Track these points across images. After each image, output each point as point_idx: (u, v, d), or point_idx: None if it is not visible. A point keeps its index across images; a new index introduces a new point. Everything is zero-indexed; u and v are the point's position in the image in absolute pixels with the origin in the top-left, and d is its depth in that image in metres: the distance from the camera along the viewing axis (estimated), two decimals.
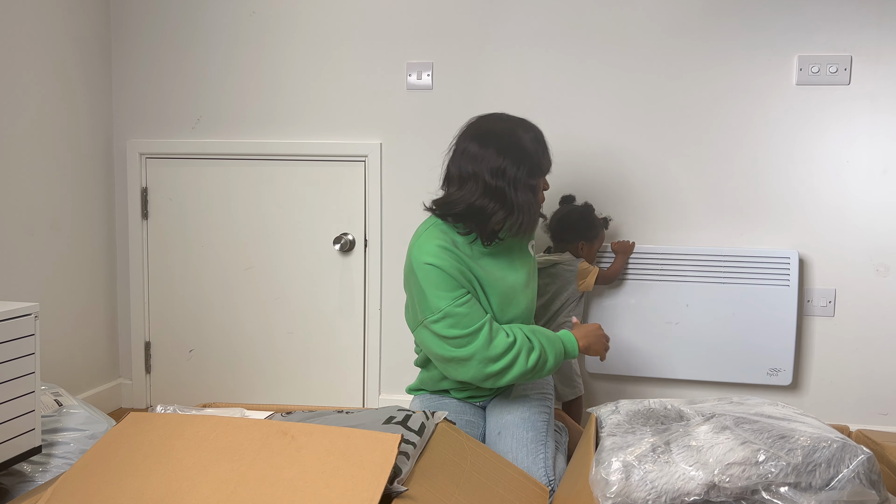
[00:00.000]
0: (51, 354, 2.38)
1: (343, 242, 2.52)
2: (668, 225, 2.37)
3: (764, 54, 2.27)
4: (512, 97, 2.41)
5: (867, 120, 2.24)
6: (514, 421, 1.75)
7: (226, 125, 2.60)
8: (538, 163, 1.69)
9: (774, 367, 2.26)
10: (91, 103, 2.56)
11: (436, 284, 1.64)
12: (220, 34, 2.57)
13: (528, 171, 1.66)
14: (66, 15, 2.42)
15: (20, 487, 1.66)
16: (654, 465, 1.00)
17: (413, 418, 1.35)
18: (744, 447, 0.98)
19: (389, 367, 2.58)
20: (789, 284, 2.23)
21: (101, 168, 2.62)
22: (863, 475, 0.94)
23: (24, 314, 1.62)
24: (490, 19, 2.41)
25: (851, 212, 2.27)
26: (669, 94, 2.33)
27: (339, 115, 2.53)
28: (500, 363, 1.64)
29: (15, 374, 1.59)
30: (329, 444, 1.14)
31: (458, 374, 1.70)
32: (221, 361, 2.66)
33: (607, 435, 1.13)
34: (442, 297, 1.64)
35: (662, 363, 2.33)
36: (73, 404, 1.89)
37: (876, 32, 2.21)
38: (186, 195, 2.63)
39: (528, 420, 1.75)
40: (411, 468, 1.17)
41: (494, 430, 1.76)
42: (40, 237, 2.35)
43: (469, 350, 1.64)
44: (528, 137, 1.68)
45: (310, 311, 2.59)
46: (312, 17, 2.51)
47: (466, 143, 1.70)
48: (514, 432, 1.72)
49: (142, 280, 2.67)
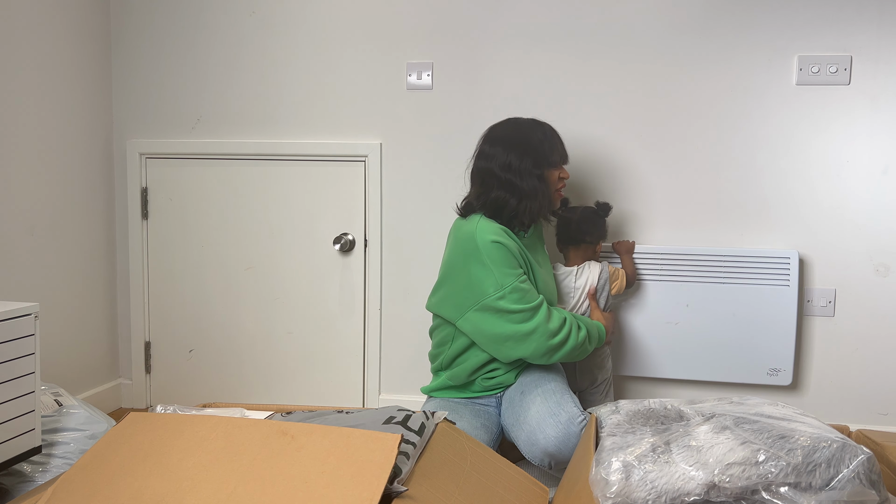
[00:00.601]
0: (51, 354, 2.38)
1: (343, 242, 2.52)
2: (668, 225, 2.37)
3: (764, 54, 2.27)
4: (512, 97, 2.41)
5: (867, 120, 2.24)
6: (533, 380, 1.86)
7: (226, 125, 2.60)
8: (543, 154, 1.89)
9: (774, 367, 2.26)
10: (91, 103, 2.56)
11: (503, 261, 1.81)
12: (221, 34, 2.57)
13: (532, 161, 1.88)
14: (66, 15, 2.42)
15: (20, 487, 1.66)
16: (654, 465, 1.00)
17: (413, 418, 1.35)
18: (744, 447, 0.98)
19: (389, 367, 2.58)
20: (789, 284, 2.23)
21: (101, 168, 2.62)
22: (863, 475, 0.94)
23: (24, 314, 1.62)
24: (490, 20, 2.41)
25: (851, 212, 2.27)
26: (669, 93, 2.33)
27: (339, 115, 2.53)
28: (559, 336, 1.82)
29: (15, 374, 1.59)
30: (329, 444, 1.14)
31: (516, 352, 1.84)
32: (221, 361, 2.66)
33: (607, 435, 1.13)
34: (508, 273, 1.81)
35: (662, 363, 2.33)
36: (73, 404, 1.89)
37: (876, 32, 2.21)
38: (186, 195, 2.63)
39: (546, 377, 1.88)
40: (411, 468, 1.17)
41: (517, 392, 1.87)
42: (40, 237, 2.35)
43: (533, 324, 1.80)
44: (533, 133, 1.91)
45: (310, 311, 2.59)
46: (312, 17, 2.51)
47: (482, 146, 1.97)
48: (538, 383, 1.84)
49: (142, 280, 2.67)
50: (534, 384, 1.85)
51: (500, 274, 1.80)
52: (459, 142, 2.45)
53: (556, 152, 1.91)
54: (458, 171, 2.45)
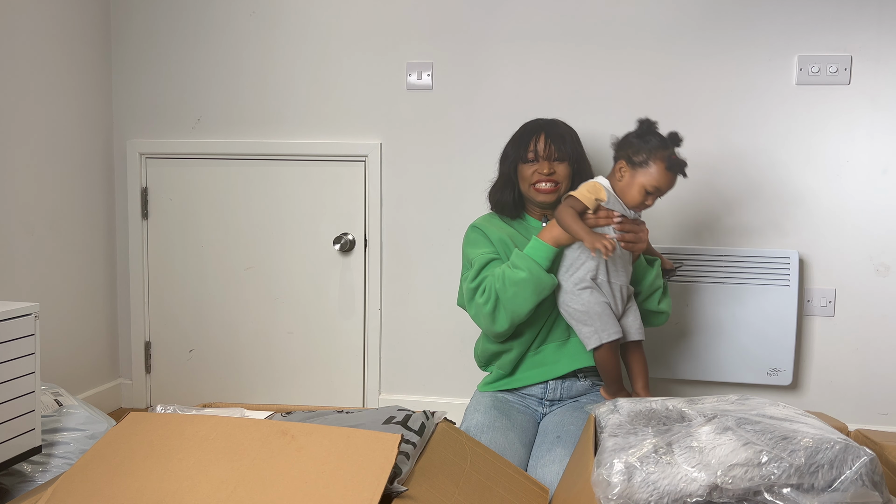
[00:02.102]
0: (51, 354, 2.38)
1: (343, 242, 2.52)
2: (668, 225, 2.37)
3: (764, 54, 2.27)
4: (512, 97, 2.41)
5: (867, 120, 2.24)
6: (576, 433, 1.71)
7: (226, 125, 2.60)
8: (517, 148, 1.91)
9: (774, 367, 2.26)
10: (91, 103, 2.56)
11: (472, 243, 1.91)
12: (220, 34, 2.57)
13: (513, 153, 1.92)
14: (67, 15, 2.42)
15: (20, 487, 1.66)
16: (656, 467, 1.00)
17: (413, 418, 1.35)
18: (746, 448, 0.98)
19: (389, 367, 2.58)
20: (789, 284, 2.23)
21: (101, 168, 2.62)
22: (865, 476, 0.94)
23: (23, 314, 1.62)
24: (490, 19, 2.40)
25: (851, 212, 2.27)
26: (669, 93, 2.33)
27: (339, 115, 2.53)
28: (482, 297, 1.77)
29: (15, 374, 1.59)
30: (329, 444, 1.14)
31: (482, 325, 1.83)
32: (221, 361, 2.66)
33: (609, 436, 1.13)
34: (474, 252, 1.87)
35: (662, 363, 2.33)
36: (73, 404, 1.89)
37: (876, 32, 2.21)
38: (186, 195, 2.63)
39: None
40: (411, 468, 1.17)
41: (553, 433, 1.73)
42: (40, 237, 2.35)
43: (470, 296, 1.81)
44: (523, 128, 1.94)
45: (310, 311, 2.59)
46: (312, 17, 2.51)
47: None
48: (575, 440, 1.67)
49: (142, 280, 2.67)
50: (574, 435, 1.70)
51: (470, 254, 1.88)
52: (459, 141, 2.45)
53: (529, 150, 1.88)
54: (459, 171, 2.45)
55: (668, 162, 1.64)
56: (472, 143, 2.45)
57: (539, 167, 1.86)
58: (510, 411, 1.85)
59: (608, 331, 1.68)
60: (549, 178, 1.86)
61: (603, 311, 1.69)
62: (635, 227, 1.72)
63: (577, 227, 1.66)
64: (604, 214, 1.70)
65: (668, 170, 1.65)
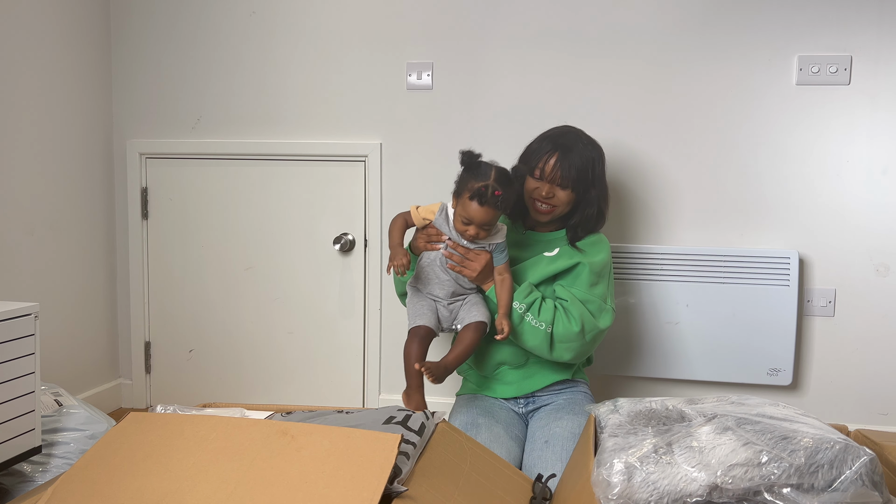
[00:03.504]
0: (51, 354, 2.38)
1: (343, 242, 2.52)
2: (668, 225, 2.37)
3: (764, 54, 2.27)
4: (512, 97, 2.41)
5: (867, 120, 2.24)
6: (562, 434, 1.78)
7: (226, 125, 2.60)
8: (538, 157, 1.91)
9: (774, 367, 2.26)
10: (91, 103, 2.56)
11: None
12: (220, 34, 2.57)
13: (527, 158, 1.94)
14: (66, 15, 2.42)
15: (20, 487, 1.66)
16: (655, 467, 1.00)
17: (413, 418, 1.35)
18: (746, 448, 0.98)
19: (389, 367, 2.58)
20: (789, 284, 2.23)
21: (101, 168, 2.62)
22: (865, 476, 0.94)
23: (23, 314, 1.62)
24: (490, 20, 2.40)
25: (851, 212, 2.27)
26: (669, 93, 2.33)
27: (339, 115, 2.53)
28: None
29: (15, 374, 1.59)
30: (329, 444, 1.14)
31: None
32: (221, 361, 2.66)
33: (609, 436, 1.13)
34: None
35: (662, 363, 2.33)
36: (73, 404, 1.89)
37: (876, 32, 2.21)
38: (186, 195, 2.63)
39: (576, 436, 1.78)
40: (411, 468, 1.17)
41: (541, 439, 1.80)
42: (40, 237, 2.35)
43: None
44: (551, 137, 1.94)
45: (310, 311, 2.59)
46: (312, 17, 2.51)
47: None
48: (563, 444, 1.75)
49: (142, 280, 2.67)
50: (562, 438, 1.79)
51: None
52: (459, 142, 2.44)
53: (537, 166, 1.89)
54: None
55: (472, 193, 1.72)
56: (472, 144, 2.42)
57: (540, 187, 1.89)
58: (492, 408, 1.92)
59: (413, 322, 1.88)
60: (547, 200, 1.90)
61: (411, 310, 1.91)
62: (465, 253, 1.82)
63: (390, 238, 1.84)
64: (425, 234, 1.85)
65: (473, 201, 1.73)
